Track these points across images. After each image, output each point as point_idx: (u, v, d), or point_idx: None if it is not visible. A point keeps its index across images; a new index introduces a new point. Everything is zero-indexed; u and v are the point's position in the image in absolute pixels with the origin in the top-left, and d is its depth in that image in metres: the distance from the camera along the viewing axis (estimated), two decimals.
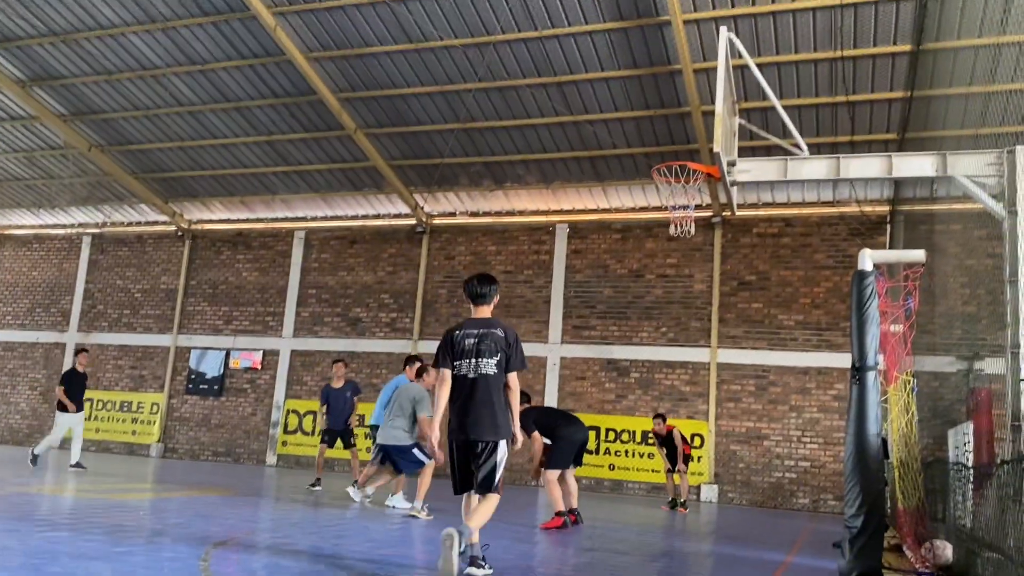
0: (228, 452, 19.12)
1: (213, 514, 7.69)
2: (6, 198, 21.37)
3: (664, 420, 13.23)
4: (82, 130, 18.15)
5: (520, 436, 5.31)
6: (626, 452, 16.26)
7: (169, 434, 19.77)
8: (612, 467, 16.27)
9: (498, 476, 5.12)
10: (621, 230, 17.25)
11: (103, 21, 14.95)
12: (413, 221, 18.53)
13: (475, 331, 5.27)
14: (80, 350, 14.19)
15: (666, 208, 12.11)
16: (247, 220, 20.15)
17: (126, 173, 19.19)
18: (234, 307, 19.88)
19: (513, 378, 5.27)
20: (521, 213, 17.98)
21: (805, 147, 8.25)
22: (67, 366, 20.57)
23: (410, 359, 10.38)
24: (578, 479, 16.39)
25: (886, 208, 15.59)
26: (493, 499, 5.10)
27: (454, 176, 17.41)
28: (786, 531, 10.43)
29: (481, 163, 16.85)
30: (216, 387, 19.52)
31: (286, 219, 19.80)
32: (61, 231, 21.97)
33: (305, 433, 18.37)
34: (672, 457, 12.99)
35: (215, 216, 20.38)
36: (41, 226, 22.17)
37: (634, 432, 16.22)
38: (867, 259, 6.28)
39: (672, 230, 11.36)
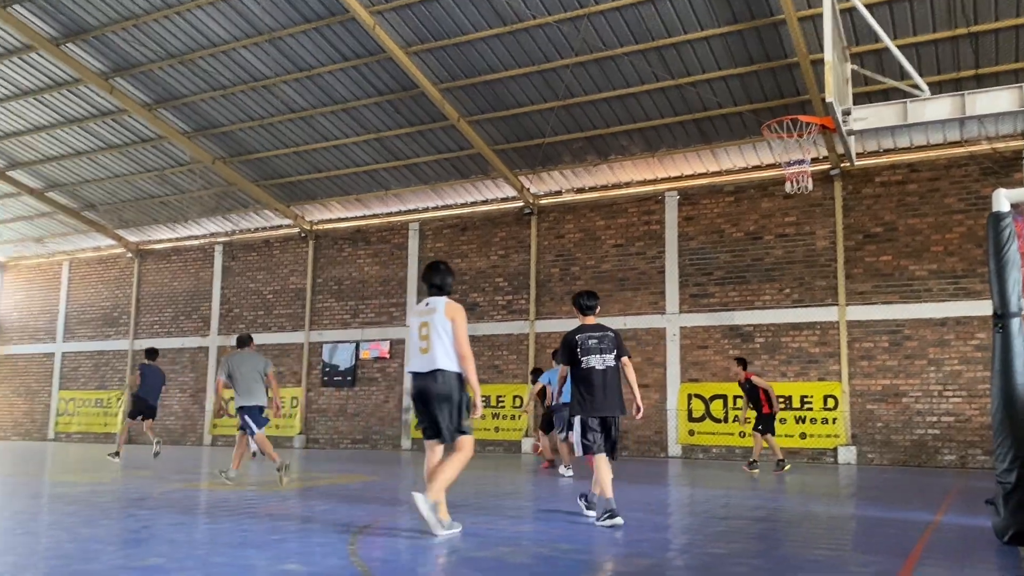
0: (365, 439, 19.94)
1: (357, 500, 8.06)
2: (144, 215, 22.90)
3: (744, 366, 12.72)
4: (205, 144, 19.19)
5: (642, 406, 6.74)
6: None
7: (310, 425, 20.79)
8: (742, 435, 15.96)
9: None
10: (734, 192, 16.81)
11: (214, 39, 15.72)
12: (520, 203, 18.66)
13: (596, 334, 6.73)
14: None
15: (780, 165, 11.75)
16: (364, 217, 20.83)
17: (249, 182, 20.18)
18: (359, 301, 20.65)
19: (627, 360, 6.76)
20: (628, 184, 17.79)
21: (926, 87, 7.83)
22: (211, 369, 21.98)
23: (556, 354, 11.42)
24: (707, 448, 16.26)
25: (1021, 143, 14.53)
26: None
27: (557, 154, 17.41)
28: (933, 490, 9.99)
29: (583, 138, 16.77)
30: (349, 378, 20.38)
31: (400, 212, 20.34)
32: (195, 242, 23.36)
33: None
34: (760, 411, 12.50)
35: (334, 215, 21.18)
36: (177, 239, 23.64)
37: None
38: (1003, 199, 5.90)
39: (788, 187, 11.02)
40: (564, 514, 7.00)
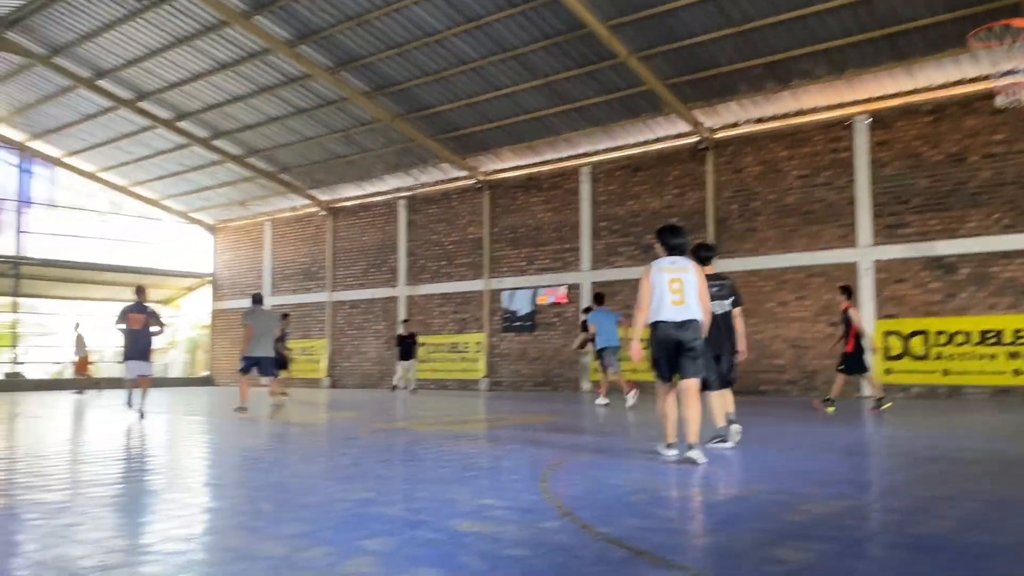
0: (546, 382, 20.40)
1: (543, 440, 8.30)
2: (334, 175, 24.28)
3: (847, 296, 11.77)
4: (385, 103, 19.96)
5: (745, 351, 7.63)
6: (961, 355, 14.79)
7: (493, 369, 21.54)
8: (946, 372, 14.92)
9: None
10: (932, 111, 15.43)
11: None
12: (695, 139, 18.08)
13: (717, 283, 7.37)
14: (403, 321, 21.47)
15: (989, 78, 10.62)
16: (536, 164, 21.00)
17: (426, 137, 20.85)
18: (535, 247, 20.96)
19: (739, 311, 7.63)
20: (812, 111, 16.76)
21: None
22: (400, 317, 23.25)
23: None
24: (906, 387, 15.32)
25: None
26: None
27: (733, 84, 16.64)
28: None
29: (761, 65, 15.91)
30: (528, 323, 20.86)
31: (571, 157, 20.32)
32: (380, 198, 24.53)
33: None
34: (845, 348, 11.62)
35: (507, 164, 21.49)
36: (364, 196, 24.93)
37: (969, 333, 14.72)
38: None
39: (999, 101, 9.97)
40: (751, 454, 6.87)
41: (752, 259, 17.27)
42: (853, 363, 11.73)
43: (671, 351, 6.39)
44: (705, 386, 6.96)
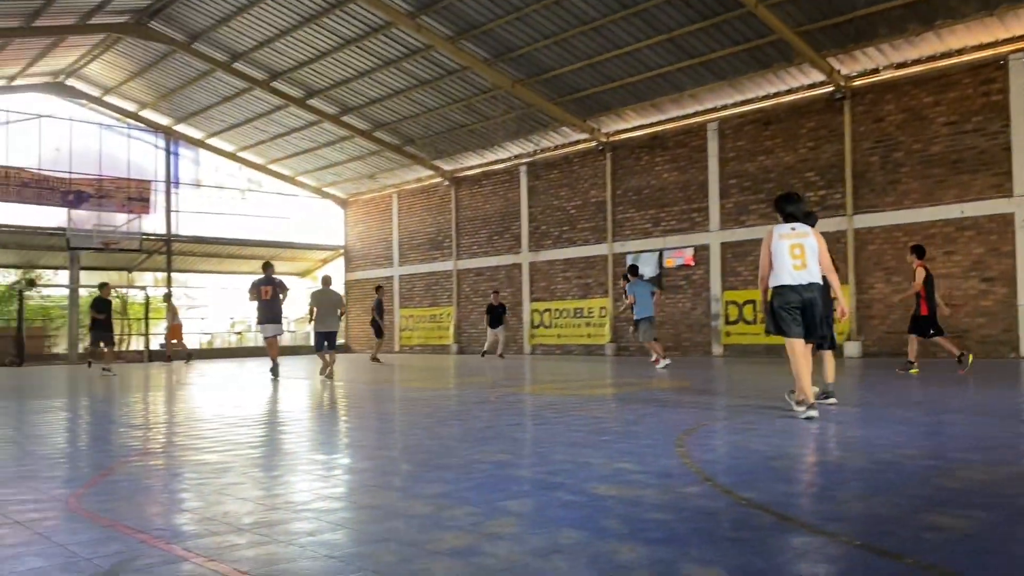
0: (676, 346, 20.08)
1: (676, 404, 8.19)
2: (456, 145, 24.58)
3: (918, 255, 11.13)
4: (505, 69, 19.96)
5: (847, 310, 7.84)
6: None
7: (619, 334, 21.39)
8: None
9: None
10: None
11: None
12: (830, 88, 17.16)
13: None
14: (494, 291, 22.48)
15: None
16: (660, 122, 20.52)
17: (546, 101, 20.73)
18: (660, 208, 20.57)
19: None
20: (960, 52, 15.55)
21: None
22: (525, 284, 23.43)
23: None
24: None
25: None
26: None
27: (871, 28, 15.64)
28: None
29: (902, 5, 14.87)
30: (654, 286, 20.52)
31: (696, 113, 19.73)
32: (502, 165, 24.66)
33: (747, 322, 18.51)
34: (917, 309, 11.08)
35: (629, 125, 21.10)
36: (486, 164, 25.13)
37: None
38: None
39: None
40: (899, 418, 6.54)
41: (894, 213, 16.33)
42: (931, 324, 11.29)
43: (798, 311, 6.67)
44: (819, 346, 7.34)
